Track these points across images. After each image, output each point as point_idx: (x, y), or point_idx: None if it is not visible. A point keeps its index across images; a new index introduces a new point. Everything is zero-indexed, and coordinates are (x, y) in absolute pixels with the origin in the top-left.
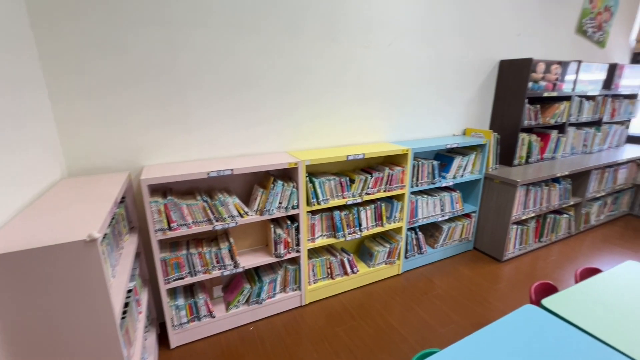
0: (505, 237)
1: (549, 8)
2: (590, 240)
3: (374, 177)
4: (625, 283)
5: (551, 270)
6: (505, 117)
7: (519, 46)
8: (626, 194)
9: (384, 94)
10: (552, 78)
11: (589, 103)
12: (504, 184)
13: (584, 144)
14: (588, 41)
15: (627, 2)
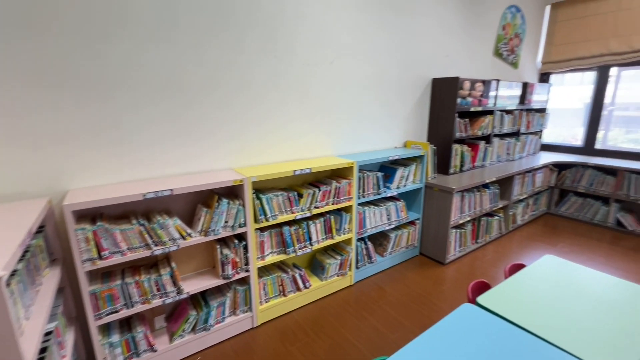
0: (446, 241)
1: (471, 34)
2: (518, 238)
3: (322, 190)
4: (544, 275)
5: (487, 268)
6: (439, 130)
7: (448, 66)
8: (544, 195)
9: (329, 109)
10: (477, 95)
11: (509, 116)
12: (442, 191)
13: (507, 153)
14: (504, 63)
15: (532, 30)
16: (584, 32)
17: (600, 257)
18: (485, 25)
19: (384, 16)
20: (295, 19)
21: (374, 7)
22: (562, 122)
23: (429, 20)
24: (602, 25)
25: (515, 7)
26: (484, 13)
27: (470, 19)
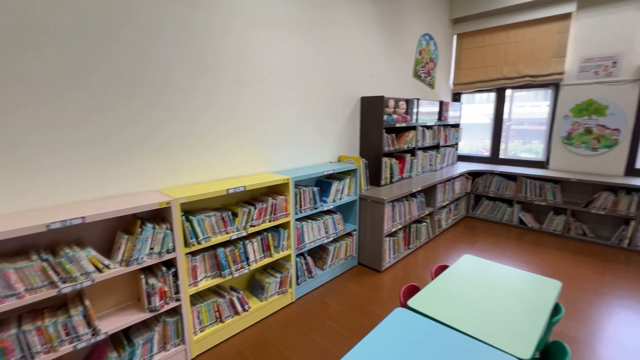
0: (381, 249)
1: (393, 57)
2: (444, 241)
3: (258, 208)
4: (464, 274)
5: (419, 272)
6: (370, 145)
7: (374, 86)
8: (463, 200)
9: (263, 127)
10: (401, 112)
11: (429, 131)
12: (375, 202)
13: (430, 164)
14: (422, 83)
15: (444, 56)
16: (483, 59)
17: (509, 252)
18: (405, 50)
19: (313, 38)
20: (224, 36)
21: (304, 29)
22: (475, 135)
23: (355, 43)
24: (497, 54)
25: (428, 35)
26: (403, 39)
27: (392, 44)
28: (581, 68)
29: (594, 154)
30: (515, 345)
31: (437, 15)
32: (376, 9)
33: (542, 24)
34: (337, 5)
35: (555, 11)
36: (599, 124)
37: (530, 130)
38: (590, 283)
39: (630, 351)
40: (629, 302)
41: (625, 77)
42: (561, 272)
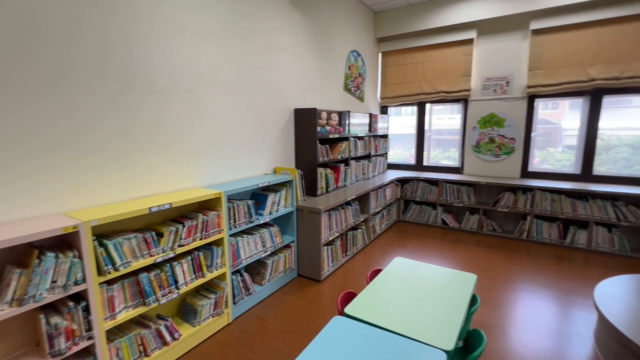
0: (320, 258)
1: (324, 70)
2: (379, 246)
3: (187, 226)
4: (395, 276)
5: (357, 278)
6: (305, 156)
7: (307, 98)
8: (394, 206)
9: (191, 139)
10: (333, 124)
11: (361, 142)
12: (311, 212)
13: (363, 173)
14: (353, 97)
15: (371, 71)
16: (405, 76)
17: (435, 251)
18: (335, 64)
19: (243, 49)
20: (145, 43)
21: (233, 39)
22: (402, 145)
23: (287, 56)
24: (416, 72)
25: (356, 51)
26: (333, 54)
27: (322, 59)
28: (483, 86)
29: (497, 159)
30: (441, 338)
31: (363, 34)
32: (306, 24)
33: (451, 47)
34: (267, 17)
35: (461, 36)
36: (500, 134)
37: (449, 139)
38: (500, 273)
39: (534, 328)
40: (530, 286)
41: (516, 94)
42: (478, 265)
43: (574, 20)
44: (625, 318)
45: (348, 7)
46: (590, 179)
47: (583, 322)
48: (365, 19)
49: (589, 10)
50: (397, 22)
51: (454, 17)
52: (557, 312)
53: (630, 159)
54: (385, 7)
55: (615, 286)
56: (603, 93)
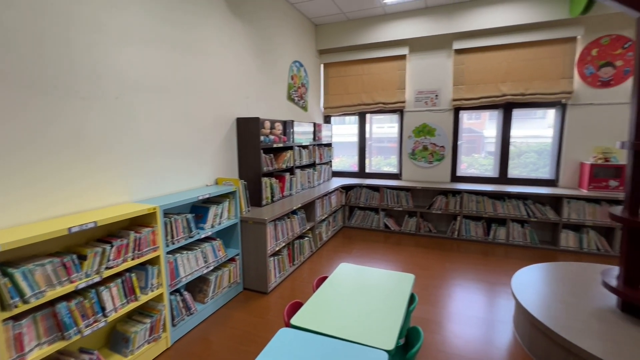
0: (266, 270)
1: (267, 79)
2: (326, 253)
3: (116, 245)
4: (341, 281)
5: (305, 287)
6: (249, 165)
7: (250, 107)
8: (339, 212)
9: (121, 150)
10: (277, 133)
11: (305, 151)
12: (256, 223)
13: (309, 181)
14: (296, 106)
15: (314, 82)
16: (346, 87)
17: (378, 254)
18: (278, 74)
19: (180, 55)
20: (64, 45)
21: (168, 44)
22: (346, 153)
23: (229, 65)
24: (356, 84)
25: (298, 62)
26: (275, 64)
27: (265, 68)
28: (416, 98)
29: (430, 166)
30: (382, 339)
31: (305, 45)
32: (247, 33)
33: (387, 62)
34: (205, 24)
35: (395, 52)
36: (432, 142)
37: (390, 147)
38: (436, 270)
39: (465, 319)
40: (462, 281)
41: (444, 107)
42: (417, 265)
43: (488, 43)
44: (537, 303)
45: (290, 18)
46: (506, 182)
47: (505, 310)
48: (307, 31)
49: (500, 35)
50: (337, 35)
51: (387, 34)
52: (484, 303)
53: (536, 163)
54: (326, 21)
55: (528, 275)
56: (513, 106)
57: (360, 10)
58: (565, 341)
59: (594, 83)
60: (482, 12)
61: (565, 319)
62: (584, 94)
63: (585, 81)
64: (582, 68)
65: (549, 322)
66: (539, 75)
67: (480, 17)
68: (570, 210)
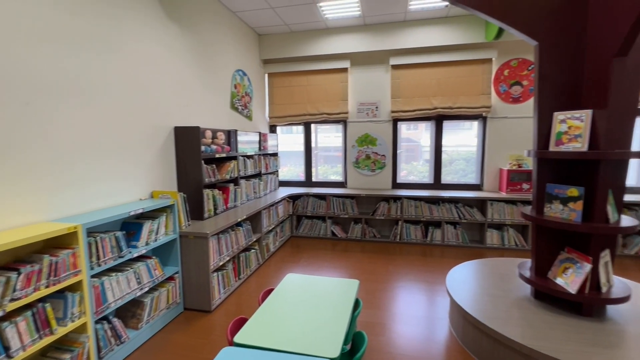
0: (209, 286)
1: (209, 87)
2: (274, 264)
3: (25, 273)
4: (287, 293)
5: (252, 301)
6: (189, 177)
7: (190, 115)
8: (287, 222)
9: (33, 162)
10: (220, 142)
11: (250, 160)
12: (197, 238)
13: (254, 192)
14: (240, 115)
15: (258, 91)
16: (291, 97)
17: (326, 262)
18: (220, 82)
19: (107, 59)
20: None
21: (91, 46)
22: (294, 162)
23: (164, 70)
24: (301, 94)
25: (241, 71)
26: (217, 72)
27: (206, 76)
28: (358, 109)
29: (373, 174)
30: (327, 347)
31: (248, 54)
32: (185, 39)
33: (330, 74)
34: (136, 27)
35: (337, 65)
36: (374, 151)
37: (336, 156)
38: (381, 275)
39: (407, 319)
40: (404, 282)
41: (383, 118)
42: (363, 270)
43: (420, 60)
44: (467, 297)
45: (232, 26)
46: (440, 187)
47: (442, 306)
48: (251, 40)
49: (430, 53)
50: (281, 46)
51: (329, 47)
52: (424, 302)
53: (465, 169)
54: (269, 31)
55: (460, 272)
56: (443, 118)
57: (303, 23)
58: (492, 330)
59: (507, 99)
60: (414, 32)
61: (491, 311)
62: (500, 108)
63: (500, 97)
64: (497, 86)
65: (477, 314)
66: (464, 91)
67: (412, 37)
68: (493, 211)
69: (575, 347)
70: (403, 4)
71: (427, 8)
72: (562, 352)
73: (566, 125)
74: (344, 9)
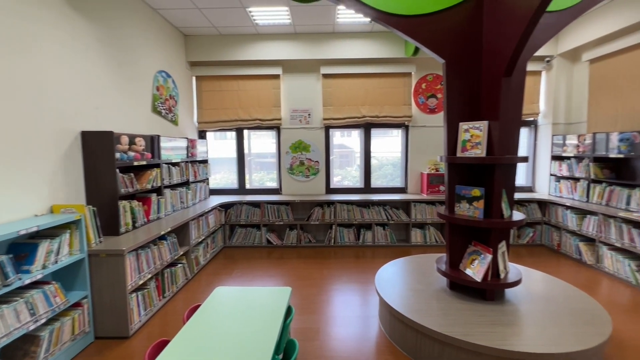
0: (127, 309)
1: (125, 89)
2: (204, 278)
3: None
4: (216, 308)
5: (178, 321)
6: (100, 188)
7: (102, 119)
8: (219, 232)
9: None
10: (139, 149)
11: (176, 168)
12: (111, 255)
13: (181, 201)
14: (164, 120)
15: (184, 95)
16: (222, 102)
17: (261, 272)
18: (139, 83)
19: None
20: None
21: None
22: (228, 169)
23: (70, 69)
24: (232, 99)
25: (165, 72)
26: (136, 72)
27: (121, 75)
28: (291, 116)
29: (307, 180)
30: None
31: (173, 55)
32: (96, 35)
33: (262, 79)
34: (34, 20)
35: (269, 71)
36: (307, 158)
37: (272, 162)
38: (315, 279)
39: (341, 320)
40: (338, 285)
41: (316, 125)
42: (298, 276)
43: (349, 71)
44: (394, 294)
45: (153, 24)
46: (370, 191)
47: (372, 305)
48: (175, 41)
49: (359, 65)
50: (209, 48)
51: (261, 53)
52: (357, 302)
53: (392, 174)
54: (196, 32)
55: (388, 271)
56: (371, 126)
57: (232, 27)
58: (413, 322)
59: (425, 110)
60: (342, 44)
61: (414, 304)
62: (420, 118)
63: (419, 108)
64: (416, 97)
65: (402, 309)
66: (388, 101)
67: (341, 48)
68: (416, 212)
69: (482, 329)
70: (331, 16)
71: (353, 22)
72: (471, 334)
73: (469, 134)
74: (274, 16)
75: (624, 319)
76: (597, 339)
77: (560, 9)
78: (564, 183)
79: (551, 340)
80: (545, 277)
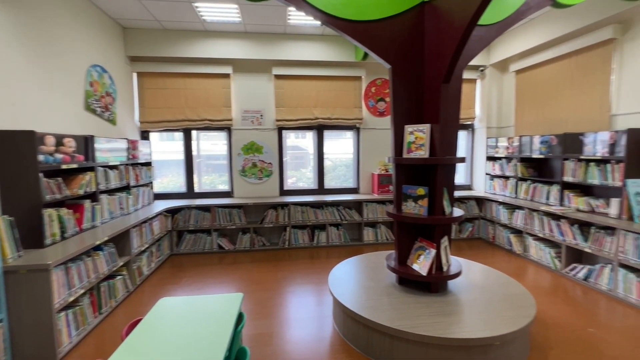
0: (53, 331)
1: (51, 84)
2: (149, 289)
3: None
4: (158, 321)
5: (116, 339)
6: (18, 195)
7: (21, 117)
8: (165, 239)
9: None
10: (68, 151)
11: (114, 171)
12: (33, 271)
13: (121, 207)
14: (100, 119)
15: (124, 92)
16: (167, 101)
17: (212, 279)
18: (68, 78)
19: None
20: None
21: None
22: (174, 172)
23: None
24: (178, 98)
25: (100, 67)
26: (64, 66)
27: (46, 69)
28: (243, 117)
29: (260, 182)
30: None
31: (109, 48)
32: (12, 21)
33: (211, 78)
34: None
35: (218, 70)
36: (260, 159)
37: (224, 164)
38: (270, 283)
39: (295, 323)
40: (292, 287)
41: (268, 126)
42: (252, 281)
43: (301, 73)
44: (346, 292)
45: (84, 13)
46: (324, 192)
47: (327, 305)
48: (112, 33)
49: (310, 67)
50: (151, 43)
51: (209, 51)
52: (312, 303)
53: (346, 174)
54: (136, 25)
55: (341, 270)
56: (324, 128)
57: (177, 22)
58: (364, 319)
59: (375, 113)
60: (294, 45)
61: (365, 301)
62: (370, 120)
63: (369, 111)
64: (367, 101)
65: (353, 306)
66: (340, 104)
67: (292, 50)
68: (368, 211)
69: (427, 320)
70: (283, 17)
71: (305, 24)
72: (417, 326)
73: (414, 136)
74: (223, 13)
75: (545, 301)
76: (524, 321)
77: (490, 23)
78: (497, 181)
79: (487, 325)
80: (482, 268)
